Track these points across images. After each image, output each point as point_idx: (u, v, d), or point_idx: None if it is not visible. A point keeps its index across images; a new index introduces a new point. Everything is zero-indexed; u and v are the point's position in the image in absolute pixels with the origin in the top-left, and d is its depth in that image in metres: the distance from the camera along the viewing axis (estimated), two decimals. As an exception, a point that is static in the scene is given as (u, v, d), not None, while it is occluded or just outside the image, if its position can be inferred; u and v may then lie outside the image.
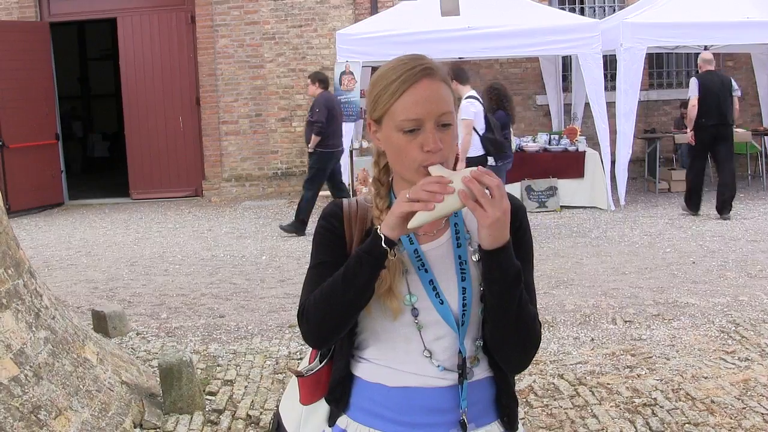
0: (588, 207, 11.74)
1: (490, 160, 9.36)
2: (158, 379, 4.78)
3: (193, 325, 6.61)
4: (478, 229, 1.75)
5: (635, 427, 4.34)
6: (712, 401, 4.63)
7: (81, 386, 4.14)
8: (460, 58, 13.15)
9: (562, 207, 11.74)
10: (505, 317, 1.81)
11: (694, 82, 10.75)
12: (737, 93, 11.09)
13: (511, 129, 10.09)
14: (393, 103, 1.83)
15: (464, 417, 1.89)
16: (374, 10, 14.01)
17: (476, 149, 9.23)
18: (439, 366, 1.88)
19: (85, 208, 14.05)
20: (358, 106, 11.62)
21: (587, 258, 8.63)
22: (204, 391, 4.94)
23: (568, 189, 11.86)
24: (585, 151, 11.97)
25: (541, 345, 5.71)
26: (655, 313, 6.42)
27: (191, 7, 14.36)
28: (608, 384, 4.97)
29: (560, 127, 13.98)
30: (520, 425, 2.02)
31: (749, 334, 5.83)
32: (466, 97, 9.17)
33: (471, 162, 9.23)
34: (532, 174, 11.85)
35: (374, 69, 13.49)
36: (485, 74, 14.48)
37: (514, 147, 12.11)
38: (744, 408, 4.52)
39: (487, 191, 1.70)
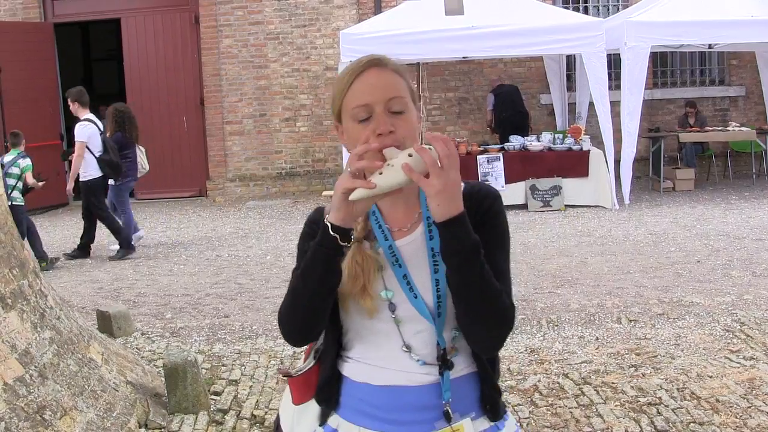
0: (592, 206, 11.72)
1: (111, 182, 9.84)
2: (163, 379, 4.78)
3: (197, 325, 6.61)
4: (427, 201, 1.75)
5: (640, 426, 4.34)
6: (717, 400, 4.62)
7: (86, 386, 4.14)
8: (464, 57, 13.15)
9: (566, 206, 11.73)
10: (469, 292, 1.78)
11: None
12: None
13: (137, 149, 10.29)
14: (345, 95, 1.87)
15: (448, 407, 1.89)
16: (378, 9, 14.01)
17: (94, 171, 9.56)
18: (419, 360, 1.89)
19: (90, 208, 14.05)
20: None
21: (592, 257, 8.62)
22: (209, 391, 4.94)
23: (572, 188, 11.85)
24: (589, 150, 11.95)
25: (546, 344, 5.73)
26: (659, 312, 6.41)
27: (195, 8, 14.38)
28: (613, 383, 4.96)
29: (564, 126, 13.95)
30: (509, 415, 2.01)
31: (754, 333, 5.82)
32: (83, 119, 9.49)
33: (89, 185, 9.58)
34: (537, 173, 11.84)
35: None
36: (489, 73, 14.47)
37: (518, 146, 12.13)
38: (749, 407, 4.51)
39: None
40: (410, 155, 1.71)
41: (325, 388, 1.98)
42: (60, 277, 8.73)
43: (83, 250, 9.84)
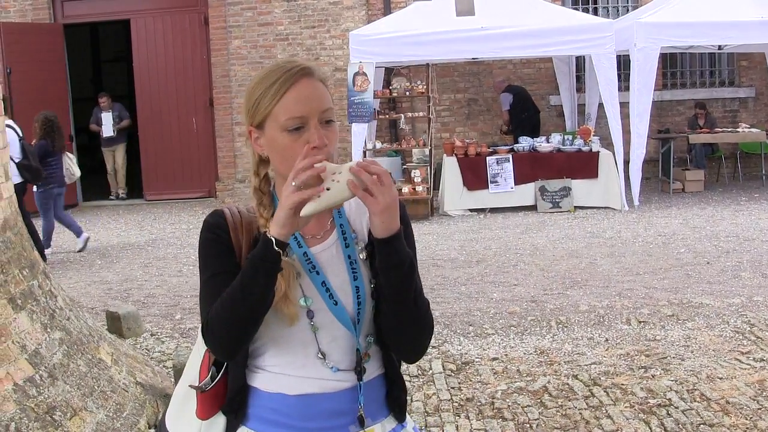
0: (602, 207, 11.70)
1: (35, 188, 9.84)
2: (173, 379, 4.79)
3: (206, 326, 6.61)
4: (370, 218, 1.78)
5: (650, 428, 4.33)
6: (727, 402, 4.61)
7: (96, 387, 4.15)
8: (473, 58, 13.14)
9: (575, 207, 11.71)
10: (405, 306, 1.84)
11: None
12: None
13: (63, 156, 10.31)
14: (275, 105, 1.85)
15: (362, 412, 1.92)
16: (387, 10, 14.00)
17: (14, 177, 9.50)
18: (332, 368, 1.90)
19: (99, 209, 14.11)
20: (372, 106, 11.62)
21: (601, 258, 8.60)
22: (218, 391, 4.94)
23: (581, 189, 11.83)
24: (599, 152, 11.93)
25: (556, 345, 5.73)
26: (669, 314, 6.40)
27: (204, 9, 14.40)
28: (623, 384, 4.95)
29: (574, 127, 13.92)
30: (407, 415, 2.06)
31: (764, 334, 5.81)
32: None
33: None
34: (546, 174, 11.82)
35: (387, 69, 13.50)
36: (498, 75, 14.45)
37: (527, 147, 12.11)
38: (759, 409, 4.50)
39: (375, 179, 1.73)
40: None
41: (236, 398, 1.95)
42: (69, 277, 8.76)
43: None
